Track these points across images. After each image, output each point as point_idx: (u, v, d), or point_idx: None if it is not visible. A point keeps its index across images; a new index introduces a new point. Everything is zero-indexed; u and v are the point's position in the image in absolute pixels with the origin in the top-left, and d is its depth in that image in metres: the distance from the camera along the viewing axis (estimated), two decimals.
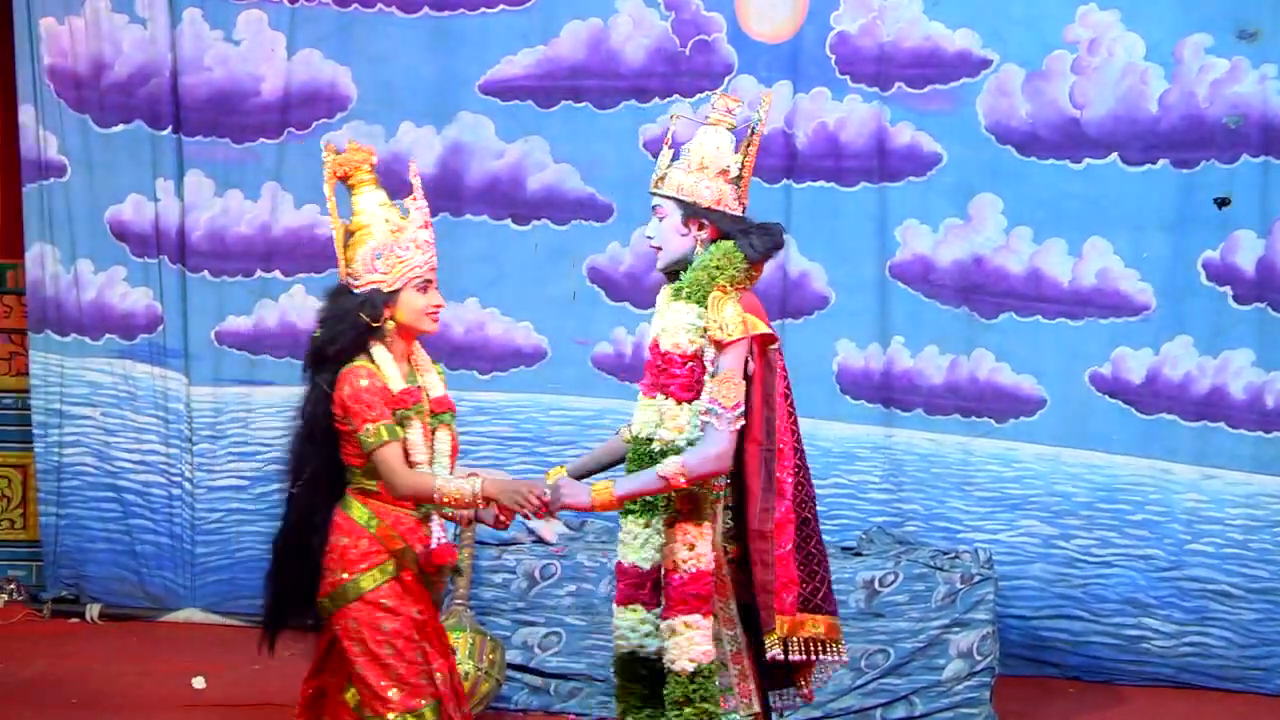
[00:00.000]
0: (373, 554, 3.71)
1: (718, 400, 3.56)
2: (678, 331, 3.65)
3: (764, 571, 3.66)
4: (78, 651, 6.22)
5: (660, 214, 3.76)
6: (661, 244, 3.77)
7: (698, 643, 3.61)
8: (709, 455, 3.55)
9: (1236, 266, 5.97)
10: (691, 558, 3.62)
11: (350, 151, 3.85)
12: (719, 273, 3.65)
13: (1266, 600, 5.98)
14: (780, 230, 3.79)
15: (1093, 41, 6.00)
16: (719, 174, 3.74)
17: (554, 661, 5.56)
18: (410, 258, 3.73)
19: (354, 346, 3.71)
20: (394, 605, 3.70)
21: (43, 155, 6.55)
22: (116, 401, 6.65)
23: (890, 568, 5.53)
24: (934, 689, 5.42)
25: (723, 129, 3.78)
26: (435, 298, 3.76)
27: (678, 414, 3.64)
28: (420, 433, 3.71)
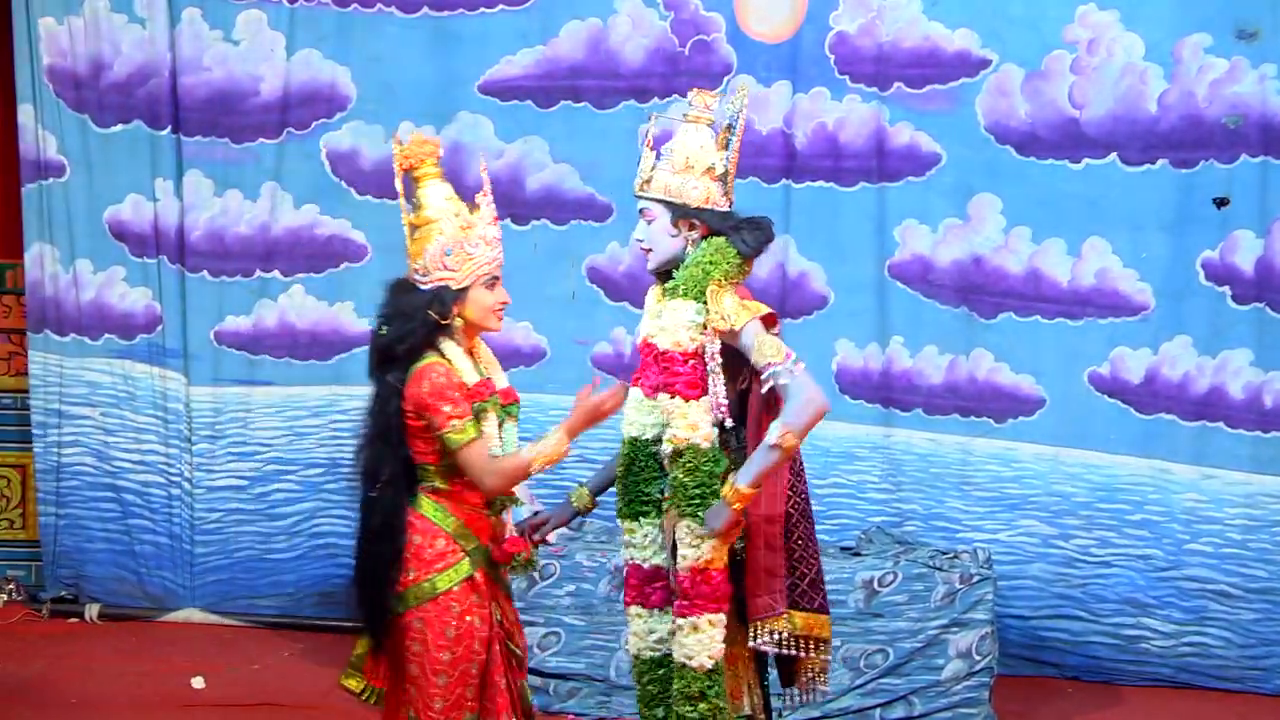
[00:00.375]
0: (448, 553, 3.69)
1: (770, 363, 3.57)
2: (677, 329, 3.66)
3: (770, 556, 3.69)
4: (77, 651, 6.23)
5: (649, 217, 3.78)
6: (652, 246, 3.78)
7: (717, 640, 3.64)
8: (800, 405, 3.56)
9: (1235, 266, 5.97)
10: (701, 554, 3.64)
11: (415, 144, 3.83)
12: (713, 268, 3.67)
13: (1265, 600, 5.99)
14: (770, 224, 3.80)
15: (1092, 41, 6.00)
16: (705, 172, 3.76)
17: (553, 661, 5.57)
18: (480, 254, 3.72)
19: (424, 344, 3.69)
20: (461, 610, 3.68)
21: (42, 155, 6.55)
22: (116, 401, 6.65)
23: (889, 568, 5.53)
24: (933, 689, 5.42)
25: (703, 126, 3.81)
26: (502, 294, 3.76)
27: (688, 411, 3.64)
28: (495, 425, 3.72)
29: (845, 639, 5.43)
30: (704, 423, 3.64)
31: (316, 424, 6.47)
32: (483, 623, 3.71)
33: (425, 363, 3.66)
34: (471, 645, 3.69)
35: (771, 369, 3.57)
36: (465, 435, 3.61)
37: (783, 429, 3.54)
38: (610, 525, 6.14)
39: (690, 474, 3.64)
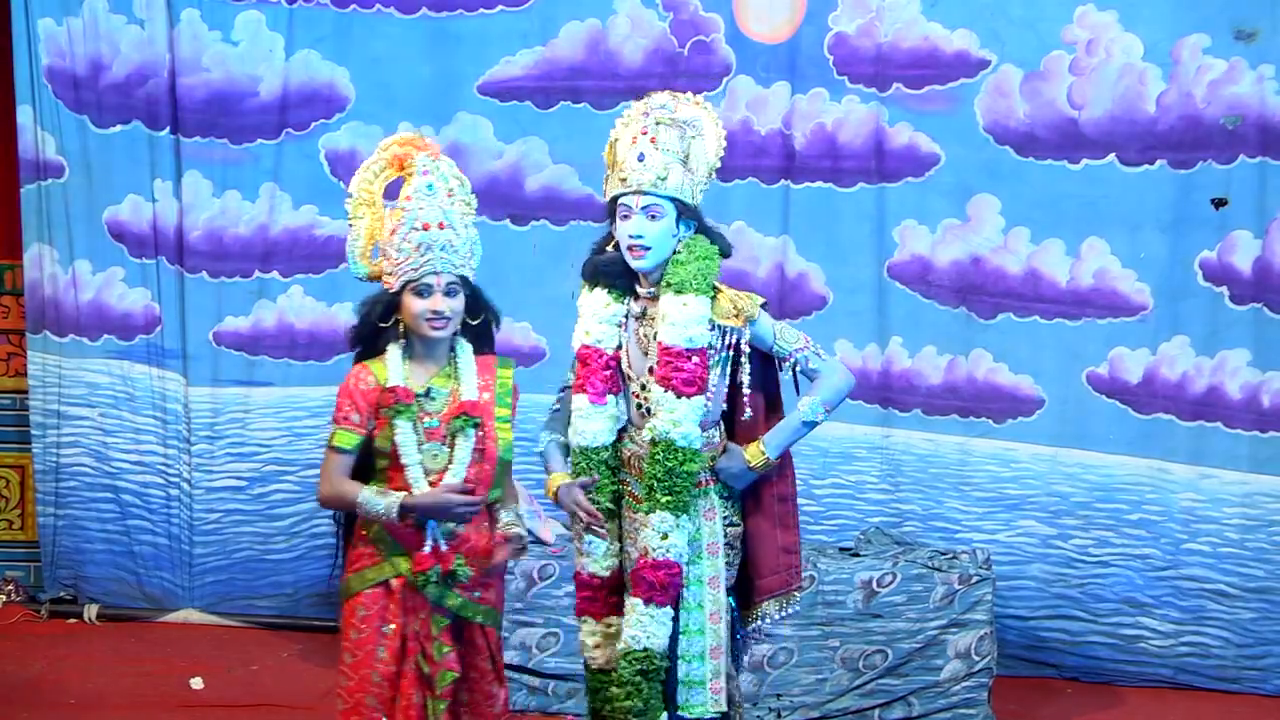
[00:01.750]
0: (365, 555, 3.69)
1: (796, 348, 3.80)
2: (689, 325, 3.72)
3: (785, 534, 3.82)
4: (76, 652, 6.23)
5: (657, 213, 3.78)
6: (654, 244, 3.79)
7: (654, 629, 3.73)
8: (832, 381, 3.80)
9: (1233, 267, 5.97)
10: (661, 546, 3.71)
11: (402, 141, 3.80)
12: (711, 264, 3.78)
13: (1263, 599, 5.99)
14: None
15: (1091, 42, 6.00)
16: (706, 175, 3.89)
17: (552, 662, 5.57)
18: (403, 259, 3.64)
19: (367, 343, 3.69)
20: (367, 614, 3.65)
21: (41, 156, 6.55)
22: (114, 402, 6.65)
23: (888, 568, 5.54)
24: (932, 689, 5.42)
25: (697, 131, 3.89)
26: (434, 303, 3.63)
27: (676, 406, 3.71)
28: (408, 434, 3.63)
29: (844, 639, 5.44)
30: (687, 421, 3.70)
31: (315, 424, 6.45)
32: (394, 632, 3.66)
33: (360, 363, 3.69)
34: (374, 654, 3.65)
35: (799, 352, 3.79)
36: (329, 439, 3.65)
37: (820, 405, 3.76)
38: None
39: (654, 465, 3.72)
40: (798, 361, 3.78)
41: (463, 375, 3.72)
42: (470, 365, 3.74)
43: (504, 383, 3.78)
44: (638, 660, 3.75)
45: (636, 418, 3.89)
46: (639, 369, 3.89)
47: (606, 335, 3.90)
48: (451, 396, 3.70)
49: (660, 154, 3.79)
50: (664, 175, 3.77)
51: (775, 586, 3.80)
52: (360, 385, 3.64)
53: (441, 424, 3.68)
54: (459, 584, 3.67)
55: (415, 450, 3.64)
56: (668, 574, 3.71)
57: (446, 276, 3.65)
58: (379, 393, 3.64)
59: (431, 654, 3.69)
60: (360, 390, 3.64)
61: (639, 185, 3.78)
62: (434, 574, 3.64)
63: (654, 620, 3.74)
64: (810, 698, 5.38)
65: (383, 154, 3.79)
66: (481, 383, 3.73)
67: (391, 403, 3.62)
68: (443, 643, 3.69)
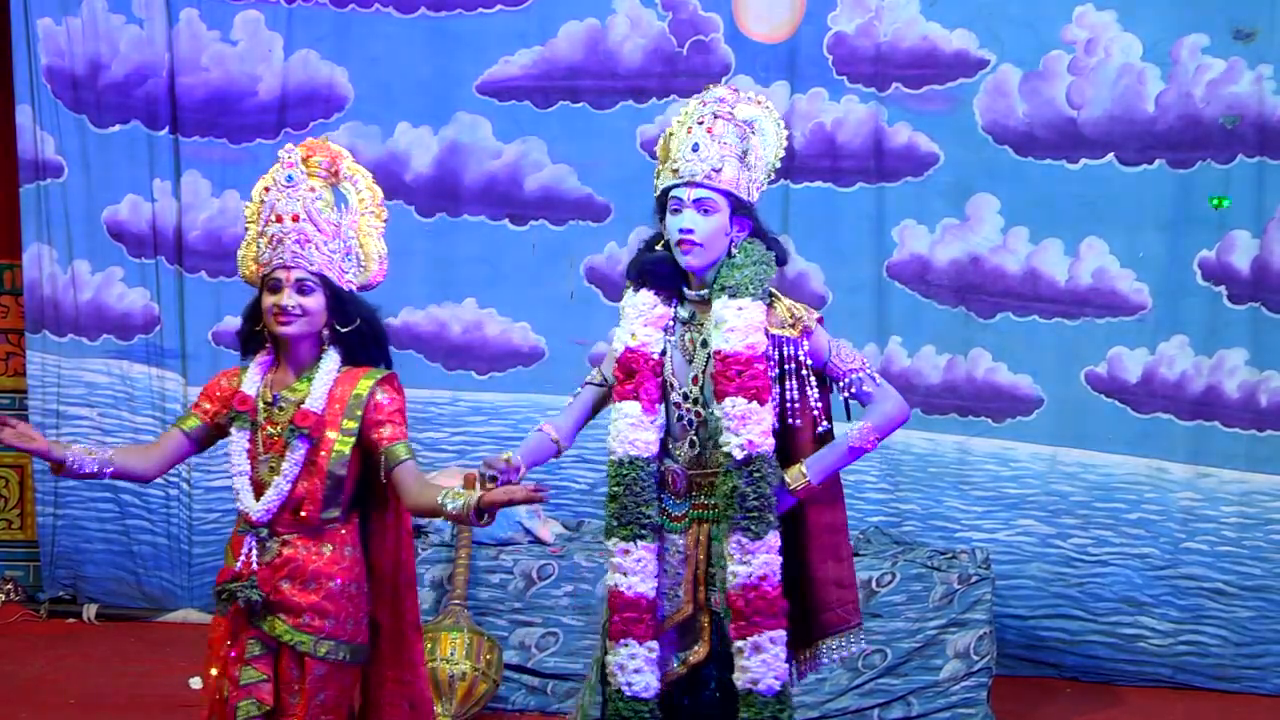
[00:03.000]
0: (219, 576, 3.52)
1: (851, 369, 3.54)
2: (749, 331, 3.47)
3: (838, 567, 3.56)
4: (75, 652, 6.22)
5: (710, 208, 3.51)
6: (705, 241, 3.51)
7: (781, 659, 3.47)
8: (886, 409, 3.54)
9: (1232, 266, 5.98)
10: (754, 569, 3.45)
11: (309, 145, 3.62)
12: (768, 270, 3.54)
13: (1260, 598, 6.00)
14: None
15: (1090, 42, 6.01)
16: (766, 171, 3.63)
17: (551, 662, 5.57)
18: (250, 253, 3.53)
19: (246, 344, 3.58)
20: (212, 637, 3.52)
21: (40, 155, 6.54)
22: (114, 402, 6.65)
23: (887, 568, 5.54)
24: (931, 689, 5.42)
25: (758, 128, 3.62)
26: (282, 296, 3.45)
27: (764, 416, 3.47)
28: (240, 444, 3.52)
29: None
30: (771, 431, 3.47)
31: None
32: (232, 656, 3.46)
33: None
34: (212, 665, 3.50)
35: (854, 374, 3.54)
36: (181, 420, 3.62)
37: (873, 433, 3.51)
38: None
39: (755, 484, 3.45)
40: (852, 383, 3.51)
41: (315, 384, 3.48)
42: (328, 375, 3.50)
43: (358, 394, 3.48)
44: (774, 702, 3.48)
45: (678, 430, 3.62)
46: (682, 377, 3.62)
47: (654, 339, 3.60)
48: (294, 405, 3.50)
49: (716, 146, 3.52)
50: (719, 167, 3.51)
51: (834, 623, 3.54)
52: (223, 380, 3.58)
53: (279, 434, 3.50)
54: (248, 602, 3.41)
55: (243, 459, 3.51)
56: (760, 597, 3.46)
57: (297, 271, 3.44)
58: (231, 395, 3.54)
59: (236, 677, 3.46)
60: (221, 385, 3.57)
61: (691, 176, 3.51)
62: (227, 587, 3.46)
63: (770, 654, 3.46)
64: (809, 697, 5.38)
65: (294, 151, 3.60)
66: (339, 393, 3.49)
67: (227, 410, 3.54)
68: (254, 668, 3.45)
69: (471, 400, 6.39)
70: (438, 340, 6.49)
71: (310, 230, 3.46)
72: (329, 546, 3.50)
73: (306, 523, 3.48)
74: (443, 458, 6.38)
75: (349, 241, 3.56)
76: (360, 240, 3.60)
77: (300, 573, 3.46)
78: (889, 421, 3.55)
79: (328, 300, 3.49)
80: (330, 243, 3.50)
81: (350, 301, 3.54)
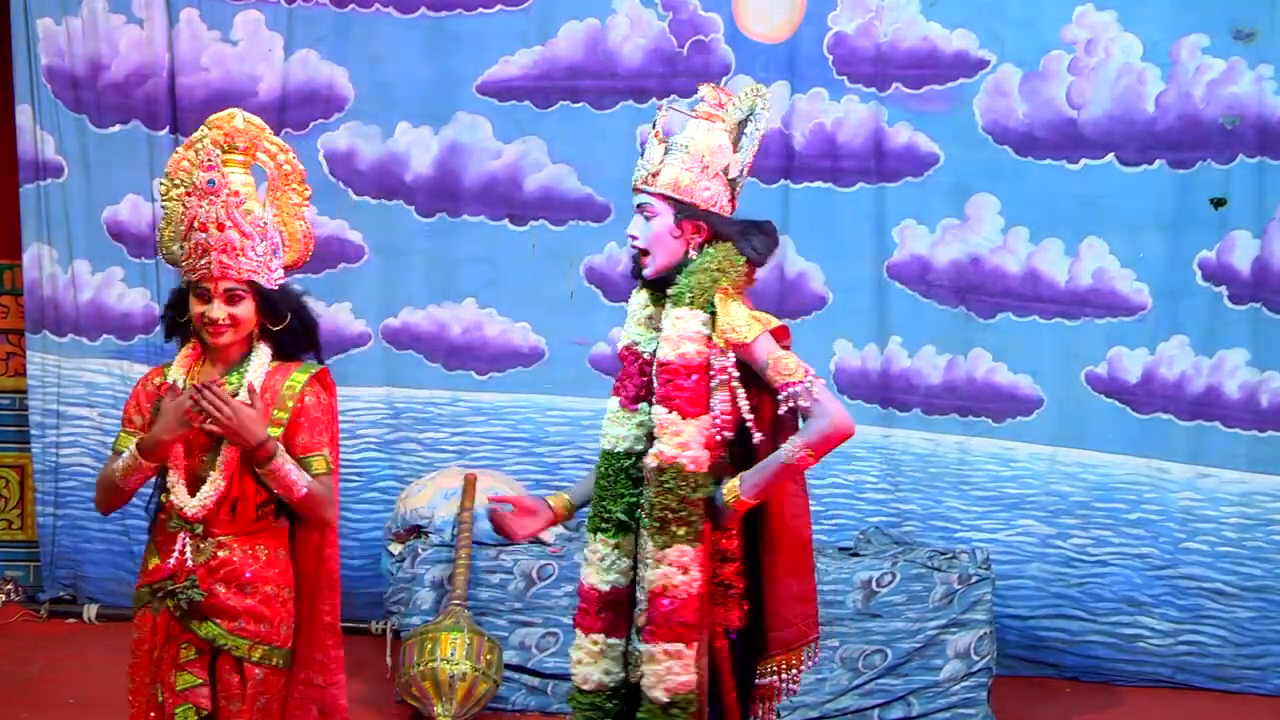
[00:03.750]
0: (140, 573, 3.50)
1: (789, 382, 3.32)
2: (682, 341, 3.39)
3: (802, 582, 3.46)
4: (75, 652, 6.22)
5: (650, 213, 3.47)
6: (649, 246, 3.48)
7: (676, 672, 3.38)
8: (824, 427, 3.30)
9: (1232, 266, 5.98)
10: (685, 582, 3.38)
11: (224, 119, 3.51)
12: (722, 275, 3.42)
13: (1261, 599, 6.00)
14: (774, 229, 3.55)
15: (1090, 42, 6.01)
16: (718, 174, 3.49)
17: (551, 662, 5.56)
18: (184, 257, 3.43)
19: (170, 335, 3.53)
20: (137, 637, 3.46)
21: (40, 155, 6.54)
22: (114, 402, 6.63)
23: (888, 568, 5.54)
24: (931, 689, 5.42)
25: (718, 125, 3.54)
26: (211, 309, 3.38)
27: (682, 429, 3.38)
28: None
29: (843, 639, 5.43)
30: (695, 443, 3.37)
31: None
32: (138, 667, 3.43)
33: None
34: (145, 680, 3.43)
35: (791, 388, 3.33)
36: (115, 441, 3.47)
37: (803, 448, 3.31)
38: None
39: (664, 495, 3.38)
40: (789, 396, 3.32)
41: (245, 378, 3.44)
42: (259, 369, 3.46)
43: (291, 385, 3.46)
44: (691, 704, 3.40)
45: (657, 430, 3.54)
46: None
47: (643, 338, 3.56)
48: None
49: (659, 148, 3.49)
50: (657, 171, 3.46)
51: (791, 640, 3.44)
52: (146, 386, 3.49)
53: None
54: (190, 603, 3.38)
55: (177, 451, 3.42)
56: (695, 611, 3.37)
57: (225, 282, 3.38)
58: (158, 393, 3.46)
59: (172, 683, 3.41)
60: (145, 391, 3.48)
61: (633, 181, 3.52)
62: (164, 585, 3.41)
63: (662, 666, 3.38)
64: (810, 697, 5.38)
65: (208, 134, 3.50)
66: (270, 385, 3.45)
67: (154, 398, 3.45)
68: (190, 673, 3.41)
69: (471, 400, 6.39)
70: (438, 340, 6.49)
71: (236, 237, 3.38)
72: (264, 549, 3.47)
73: (240, 522, 3.44)
74: (442, 458, 6.38)
75: (275, 234, 3.50)
76: (284, 222, 3.56)
77: (236, 576, 3.42)
78: (821, 437, 3.32)
79: (257, 303, 3.45)
80: (259, 245, 3.43)
81: (281, 299, 3.50)
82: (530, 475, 6.34)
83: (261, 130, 3.55)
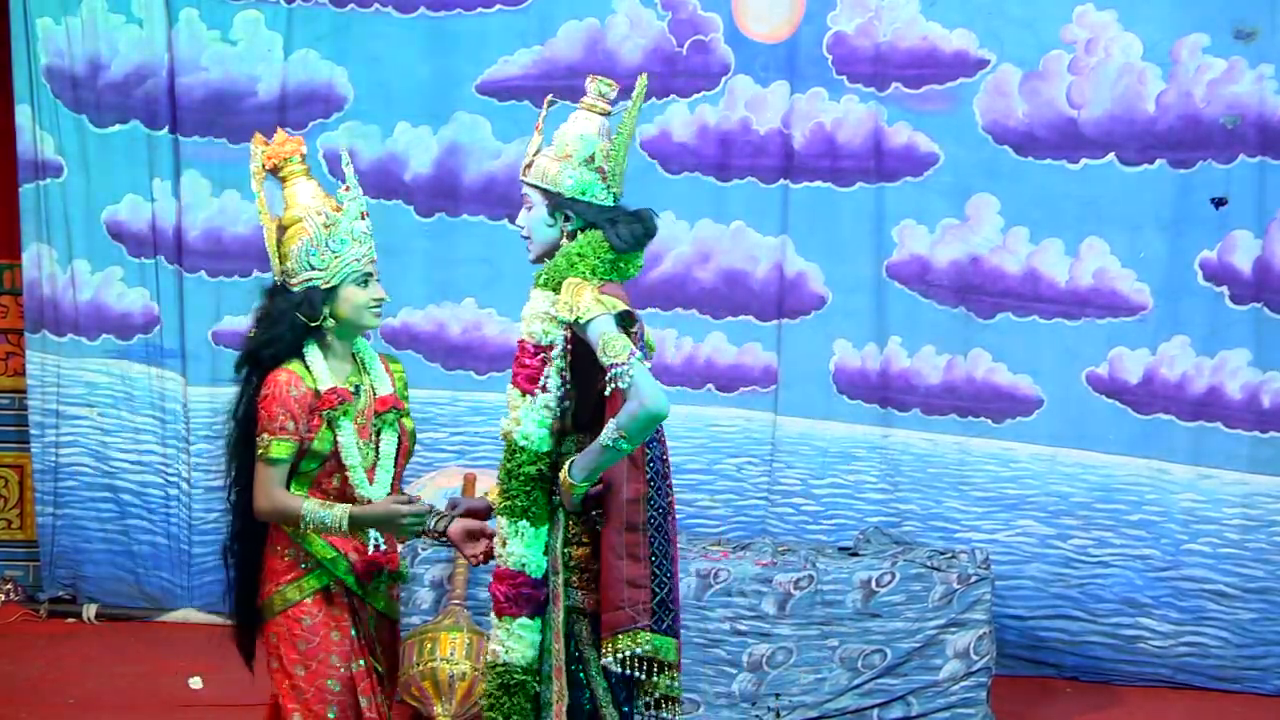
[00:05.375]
0: (297, 564, 3.61)
1: (613, 362, 3.32)
2: (532, 320, 3.51)
3: (634, 566, 3.43)
4: (74, 651, 6.22)
5: (528, 203, 3.64)
6: (530, 234, 3.64)
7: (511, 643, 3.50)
8: (632, 408, 3.31)
9: (1233, 266, 5.97)
10: (501, 554, 3.50)
11: (279, 143, 3.71)
12: (580, 260, 3.49)
13: (1263, 600, 5.99)
14: (651, 217, 3.58)
15: (1090, 41, 6.00)
16: (584, 161, 3.56)
17: None
18: (346, 251, 3.61)
19: (290, 348, 3.59)
20: (314, 624, 3.59)
21: (39, 155, 6.55)
22: (113, 402, 6.65)
23: (887, 568, 5.53)
24: (931, 689, 5.41)
25: (594, 115, 3.63)
26: (376, 290, 3.65)
27: (519, 404, 3.48)
28: (351, 434, 3.58)
29: (843, 639, 5.43)
30: (528, 420, 3.46)
31: None
32: (342, 637, 3.61)
33: (278, 369, 3.57)
34: (328, 661, 3.59)
35: (615, 369, 3.32)
36: (261, 450, 3.54)
37: (615, 429, 3.32)
38: None
39: (502, 468, 3.51)
40: (612, 377, 3.32)
41: (373, 371, 3.71)
42: (377, 360, 3.74)
43: (401, 376, 3.77)
44: (499, 675, 3.52)
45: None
46: None
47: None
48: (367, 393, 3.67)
49: (539, 140, 3.65)
50: (530, 162, 3.63)
51: (618, 623, 3.40)
52: (293, 391, 3.54)
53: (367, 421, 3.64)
54: (401, 583, 3.75)
55: (357, 450, 3.59)
56: (511, 585, 3.47)
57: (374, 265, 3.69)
58: (311, 396, 3.56)
59: (384, 655, 3.74)
60: (294, 397, 3.54)
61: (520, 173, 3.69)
62: (384, 574, 3.66)
63: (509, 634, 3.49)
64: (809, 697, 5.38)
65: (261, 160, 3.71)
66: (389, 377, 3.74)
67: (335, 404, 3.56)
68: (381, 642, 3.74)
69: (470, 400, 6.39)
70: (437, 340, 6.49)
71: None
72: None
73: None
74: (442, 458, 6.38)
75: None
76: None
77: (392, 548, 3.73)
78: (629, 417, 3.31)
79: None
80: None
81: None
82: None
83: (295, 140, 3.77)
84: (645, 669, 3.46)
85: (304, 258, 3.60)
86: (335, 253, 3.61)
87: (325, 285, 3.59)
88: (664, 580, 3.50)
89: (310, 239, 3.60)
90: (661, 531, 3.52)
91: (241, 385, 3.66)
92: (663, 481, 3.56)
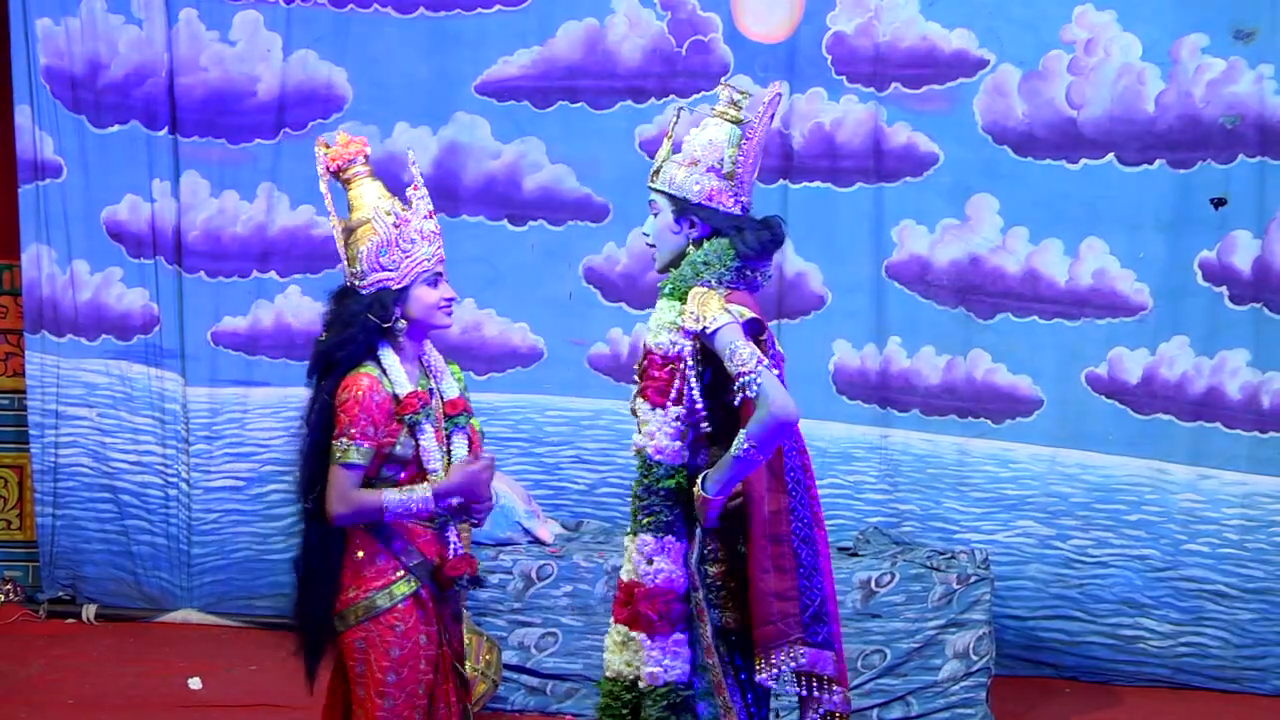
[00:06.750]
0: (388, 569, 3.57)
1: (741, 370, 3.29)
2: (660, 330, 3.46)
3: (780, 579, 3.41)
4: (74, 652, 6.22)
5: (654, 210, 3.59)
6: (656, 241, 3.59)
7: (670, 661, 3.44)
8: (759, 414, 3.28)
9: (1233, 267, 5.97)
10: (649, 572, 3.44)
11: (343, 144, 3.70)
12: (705, 269, 3.46)
13: (1262, 600, 5.99)
14: (779, 225, 3.56)
15: (1089, 42, 6.00)
16: (711, 169, 3.53)
17: (550, 662, 5.56)
18: (416, 251, 3.60)
19: (363, 351, 3.56)
20: (406, 629, 3.56)
21: (39, 156, 6.55)
22: (113, 402, 6.65)
23: (887, 568, 5.53)
24: (930, 689, 5.42)
25: (724, 122, 3.59)
26: (447, 290, 3.64)
27: (650, 418, 3.44)
28: (433, 438, 3.57)
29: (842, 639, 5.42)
30: (660, 434, 3.42)
31: None
32: (429, 641, 3.60)
33: (355, 372, 3.54)
34: (418, 666, 3.58)
35: (743, 377, 3.30)
36: (340, 455, 3.48)
37: (748, 440, 3.30)
38: (607, 525, 6.15)
39: (638, 483, 3.48)
40: (742, 386, 3.29)
41: (439, 373, 3.72)
42: (442, 362, 3.75)
43: (458, 377, 3.79)
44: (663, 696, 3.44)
45: None
46: None
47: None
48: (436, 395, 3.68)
49: (667, 146, 3.60)
50: (658, 168, 3.58)
51: (770, 637, 3.38)
52: (376, 397, 3.50)
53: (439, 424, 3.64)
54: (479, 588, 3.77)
55: (439, 452, 3.59)
56: (663, 602, 3.42)
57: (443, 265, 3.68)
58: (391, 401, 3.54)
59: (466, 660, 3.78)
60: (377, 403, 3.50)
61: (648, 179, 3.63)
62: (465, 579, 3.65)
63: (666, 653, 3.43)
64: None
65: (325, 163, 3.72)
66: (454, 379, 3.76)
67: (417, 407, 3.55)
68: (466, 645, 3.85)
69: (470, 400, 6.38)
70: (436, 340, 6.43)
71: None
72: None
73: None
74: None
75: None
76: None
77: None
78: (761, 428, 3.29)
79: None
80: None
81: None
82: (529, 475, 6.34)
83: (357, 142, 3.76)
84: (807, 685, 3.44)
85: (373, 258, 3.58)
86: (405, 253, 3.60)
87: (396, 286, 3.58)
88: (814, 592, 3.46)
89: (380, 239, 3.59)
90: (809, 544, 3.47)
91: (314, 390, 3.60)
92: (805, 493, 3.52)
